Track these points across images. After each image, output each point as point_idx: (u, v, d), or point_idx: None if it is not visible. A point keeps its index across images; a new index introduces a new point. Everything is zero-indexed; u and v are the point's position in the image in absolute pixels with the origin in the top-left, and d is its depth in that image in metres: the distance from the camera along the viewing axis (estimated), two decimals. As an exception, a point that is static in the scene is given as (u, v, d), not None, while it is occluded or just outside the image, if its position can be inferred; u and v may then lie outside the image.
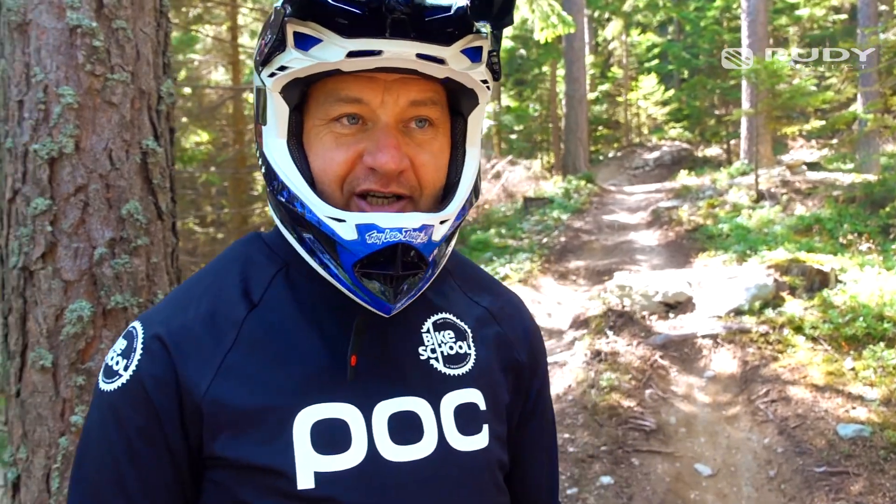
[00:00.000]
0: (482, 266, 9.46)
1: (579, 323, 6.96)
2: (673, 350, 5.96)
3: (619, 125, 26.80)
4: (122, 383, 0.85)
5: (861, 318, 5.42)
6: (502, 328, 1.04)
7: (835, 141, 16.85)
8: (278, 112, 0.85)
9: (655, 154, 22.52)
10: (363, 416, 0.86)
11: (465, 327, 1.00)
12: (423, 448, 0.89)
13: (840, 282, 6.36)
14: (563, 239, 11.58)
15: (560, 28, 9.26)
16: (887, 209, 8.88)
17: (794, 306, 6.01)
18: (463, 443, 0.91)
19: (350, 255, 0.82)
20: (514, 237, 11.86)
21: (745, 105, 14.00)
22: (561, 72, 21.21)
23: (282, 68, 0.81)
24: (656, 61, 25.70)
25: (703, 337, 5.98)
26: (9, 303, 1.71)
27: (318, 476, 0.82)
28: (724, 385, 5.40)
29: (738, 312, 6.17)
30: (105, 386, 0.88)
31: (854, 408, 4.53)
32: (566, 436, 4.83)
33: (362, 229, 0.81)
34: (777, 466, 4.27)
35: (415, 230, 0.82)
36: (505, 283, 6.88)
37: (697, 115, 22.82)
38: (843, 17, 19.86)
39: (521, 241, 11.42)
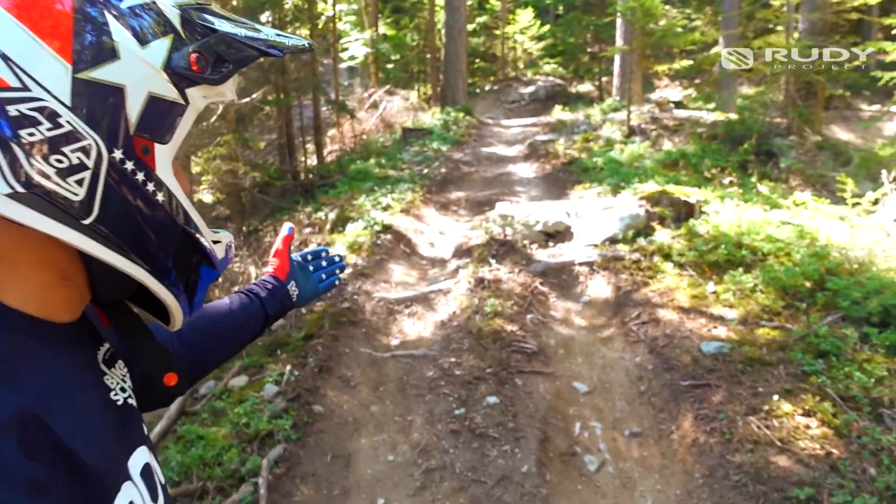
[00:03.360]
0: (363, 196, 9.39)
1: (462, 252, 7.07)
2: (552, 277, 6.20)
3: (495, 58, 26.87)
4: None
5: (722, 246, 5.83)
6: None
7: (697, 81, 17.73)
8: (183, 133, 0.75)
9: (531, 89, 22.84)
10: (133, 483, 0.75)
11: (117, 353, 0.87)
12: None
13: (704, 213, 6.79)
14: (443, 170, 11.63)
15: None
16: (745, 146, 9.53)
17: (663, 235, 6.38)
18: None
19: (213, 275, 0.84)
20: (395, 167, 11.79)
21: (619, 42, 14.41)
22: (440, 0, 20.90)
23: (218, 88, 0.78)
24: (534, -5, 25.82)
25: (581, 264, 6.25)
26: None
27: None
28: (599, 309, 5.70)
29: (613, 241, 6.48)
30: None
31: (715, 327, 4.90)
32: (452, 360, 4.95)
33: (228, 248, 0.88)
34: (647, 382, 4.58)
35: None
36: (388, 213, 6.86)
37: (571, 52, 23.28)
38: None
39: (402, 172, 11.37)
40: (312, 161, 15.63)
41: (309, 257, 1.49)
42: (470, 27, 24.87)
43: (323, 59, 19.33)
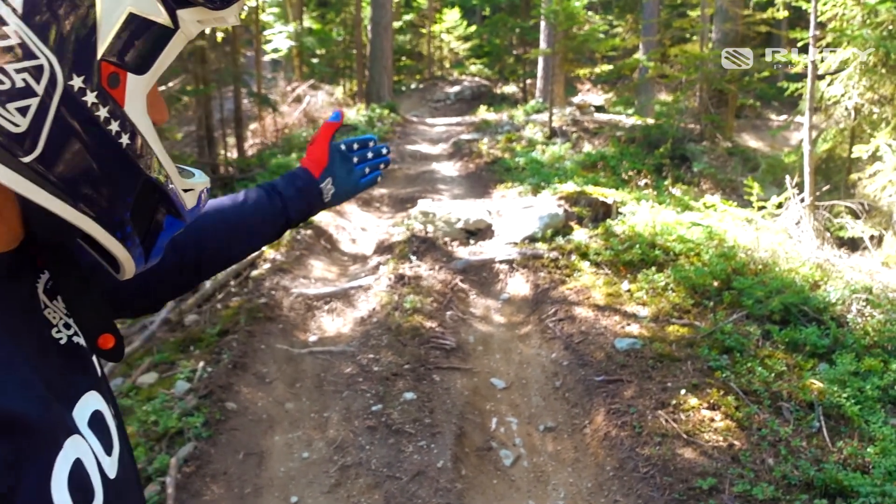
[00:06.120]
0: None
1: (383, 248, 7.04)
2: (472, 274, 6.24)
3: (421, 57, 26.91)
4: None
5: (637, 246, 5.99)
6: None
7: (617, 86, 18.20)
8: (167, 61, 0.63)
9: (456, 88, 22.98)
10: (82, 436, 0.64)
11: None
12: (113, 463, 0.70)
13: (620, 213, 6.97)
14: (366, 166, 11.54)
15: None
16: (661, 150, 9.85)
17: (580, 234, 6.51)
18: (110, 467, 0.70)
19: (179, 225, 0.73)
20: (318, 163, 11.62)
21: (543, 45, 14.64)
22: (367, -4, 20.77)
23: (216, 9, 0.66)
24: (460, -5, 25.99)
25: (500, 262, 6.31)
26: None
27: None
28: (517, 306, 5.77)
29: (533, 239, 6.57)
30: None
31: (629, 324, 5.04)
32: (371, 356, 4.92)
33: (202, 194, 0.76)
34: (563, 378, 4.67)
35: None
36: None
37: (497, 53, 23.53)
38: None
39: (325, 167, 11.22)
40: (233, 154, 15.27)
41: (355, 146, 1.30)
42: (397, 24, 24.81)
43: (245, 51, 18.92)
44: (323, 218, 8.03)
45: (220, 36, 16.65)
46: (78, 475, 0.60)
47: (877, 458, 3.35)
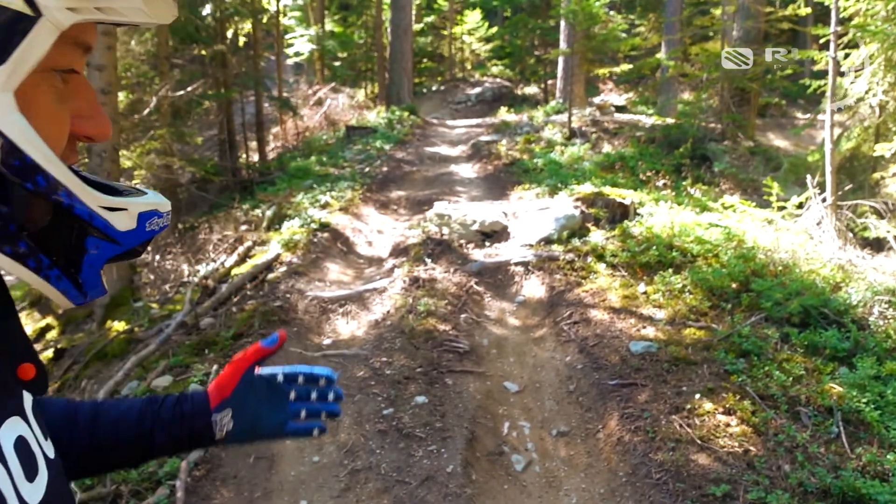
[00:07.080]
0: (302, 194, 9.25)
1: (399, 251, 7.03)
2: (488, 277, 6.20)
3: (443, 59, 26.90)
4: None
5: (654, 248, 5.91)
6: None
7: (639, 86, 18.05)
8: (33, 54, 0.55)
9: (478, 90, 22.95)
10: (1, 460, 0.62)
11: None
12: (36, 490, 0.66)
13: (638, 214, 6.88)
14: (385, 169, 11.57)
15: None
16: (680, 150, 9.73)
17: (597, 236, 6.44)
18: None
19: (113, 249, 0.67)
20: (336, 165, 11.68)
21: (563, 45, 14.56)
22: (387, -1, 20.84)
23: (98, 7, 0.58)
24: (481, -3, 25.95)
25: (516, 264, 6.27)
26: None
27: None
28: (532, 309, 5.72)
29: (549, 241, 6.52)
30: None
31: (644, 327, 4.96)
32: (384, 359, 4.90)
33: (144, 217, 0.68)
34: (576, 381, 4.61)
35: None
36: (326, 211, 6.80)
37: (518, 54, 23.47)
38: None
39: (343, 170, 11.27)
40: (254, 158, 15.38)
41: (300, 379, 1.04)
42: (418, 27, 24.84)
43: (267, 55, 19.07)
44: (340, 220, 8.05)
45: (241, 40, 16.82)
46: None
47: (897, 466, 3.26)
